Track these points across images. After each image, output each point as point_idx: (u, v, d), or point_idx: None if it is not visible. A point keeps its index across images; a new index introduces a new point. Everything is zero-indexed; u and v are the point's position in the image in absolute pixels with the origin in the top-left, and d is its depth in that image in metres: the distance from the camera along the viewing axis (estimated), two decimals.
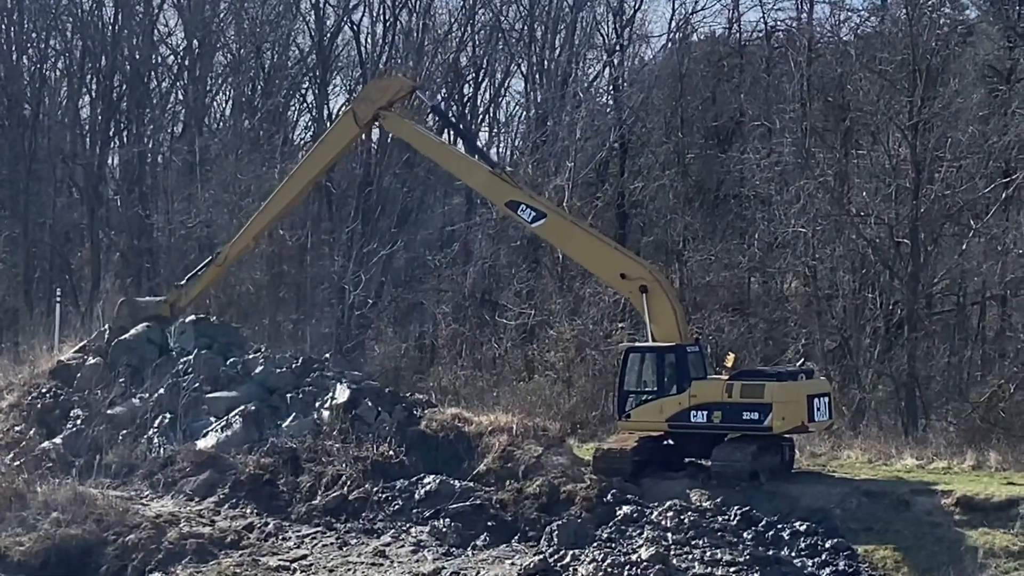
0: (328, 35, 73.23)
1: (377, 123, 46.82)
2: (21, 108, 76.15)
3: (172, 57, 79.75)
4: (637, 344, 41.99)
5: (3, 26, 78.03)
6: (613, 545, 37.10)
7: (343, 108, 62.83)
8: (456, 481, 40.01)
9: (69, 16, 77.58)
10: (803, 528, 37.13)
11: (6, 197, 73.54)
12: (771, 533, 37.13)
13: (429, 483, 39.91)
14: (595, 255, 43.11)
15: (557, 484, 39.56)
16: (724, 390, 40.06)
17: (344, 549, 38.06)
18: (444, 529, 38.34)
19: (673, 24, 73.81)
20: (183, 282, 48.61)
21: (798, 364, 45.20)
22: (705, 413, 39.94)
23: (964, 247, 54.07)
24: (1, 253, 72.77)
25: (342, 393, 43.01)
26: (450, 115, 58.41)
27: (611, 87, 72.95)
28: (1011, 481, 39.38)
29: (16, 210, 72.77)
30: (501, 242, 63.94)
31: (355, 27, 73.52)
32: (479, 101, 77.41)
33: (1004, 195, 55.09)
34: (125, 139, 77.32)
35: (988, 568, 35.22)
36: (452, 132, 58.45)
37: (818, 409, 40.43)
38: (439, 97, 66.59)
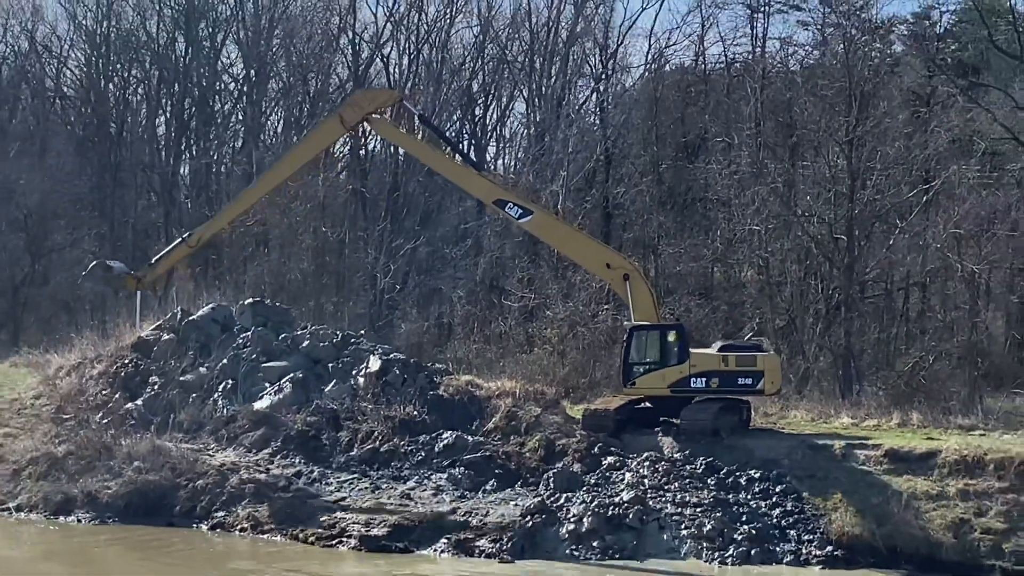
0: (362, 66, 73.25)
1: (364, 126, 45.52)
2: (108, 127, 76.29)
3: (233, 84, 79.91)
4: (642, 323, 41.27)
5: (93, 59, 78.14)
6: (600, 489, 37.13)
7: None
8: (469, 436, 40.01)
9: (147, 50, 77.63)
10: (757, 475, 37.15)
11: (95, 200, 73.52)
12: (731, 479, 37.16)
13: (447, 438, 39.92)
14: (581, 248, 42.89)
15: (553, 439, 39.54)
16: (721, 360, 40.11)
17: (376, 492, 38.05)
18: (459, 476, 38.35)
19: (649, 56, 74.18)
20: (152, 261, 46.96)
21: (745, 339, 45.29)
22: (704, 380, 39.90)
23: (891, 242, 54.11)
24: (91, 247, 72.80)
25: (375, 363, 43.03)
26: (434, 122, 55.41)
27: (598, 109, 72.98)
28: (930, 436, 39.37)
29: (104, 211, 72.82)
30: (506, 238, 63.99)
31: (385, 59, 73.57)
32: (488, 121, 77.65)
33: (925, 199, 55.14)
34: (194, 152, 77.40)
35: (911, 509, 35.24)
36: (444, 141, 56.95)
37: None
38: (454, 117, 66.64)
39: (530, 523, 35.67)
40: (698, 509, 36.01)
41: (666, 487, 36.97)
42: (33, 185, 68.29)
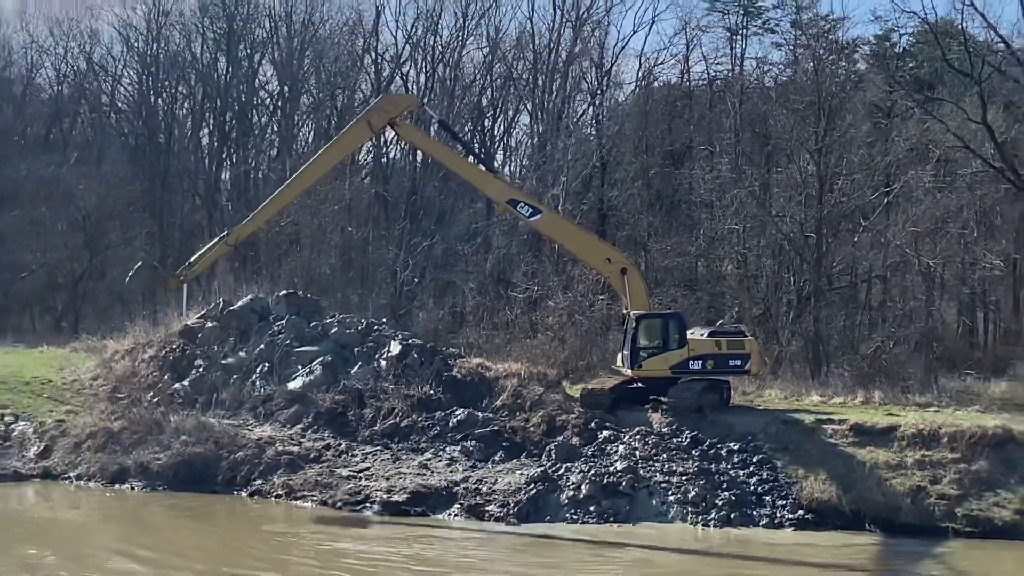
0: (384, 83, 73.14)
1: (387, 129, 42.84)
2: (157, 137, 76.30)
3: (269, 99, 79.83)
4: (648, 312, 41.37)
5: (144, 77, 78.16)
6: (596, 460, 37.15)
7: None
8: (479, 413, 40.04)
9: (192, 69, 77.64)
10: (736, 447, 37.17)
11: (146, 203, 73.56)
12: (712, 451, 37.17)
13: (459, 414, 39.95)
14: (584, 244, 42.68)
15: (554, 415, 39.57)
16: (714, 345, 40.28)
17: (397, 463, 38.11)
18: (471, 448, 38.39)
19: (640, 74, 74.18)
20: (192, 260, 43.51)
21: (718, 324, 45.33)
22: (701, 362, 40.06)
23: (856, 239, 54.07)
24: (143, 245, 72.90)
25: (395, 348, 43.05)
26: (452, 127, 52.29)
27: (594, 121, 72.85)
28: (890, 413, 39.42)
29: (154, 213, 72.86)
30: (512, 236, 63.93)
31: (404, 77, 73.72)
32: (496, 132, 77.57)
33: (885, 201, 55.09)
34: (234, 160, 77.40)
35: (874, 477, 35.27)
36: (461, 144, 54.14)
37: None
38: (466, 128, 66.49)
39: (534, 490, 35.69)
40: (684, 477, 36.03)
41: (655, 458, 36.99)
42: (91, 189, 68.40)
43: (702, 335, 40.85)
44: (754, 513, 34.93)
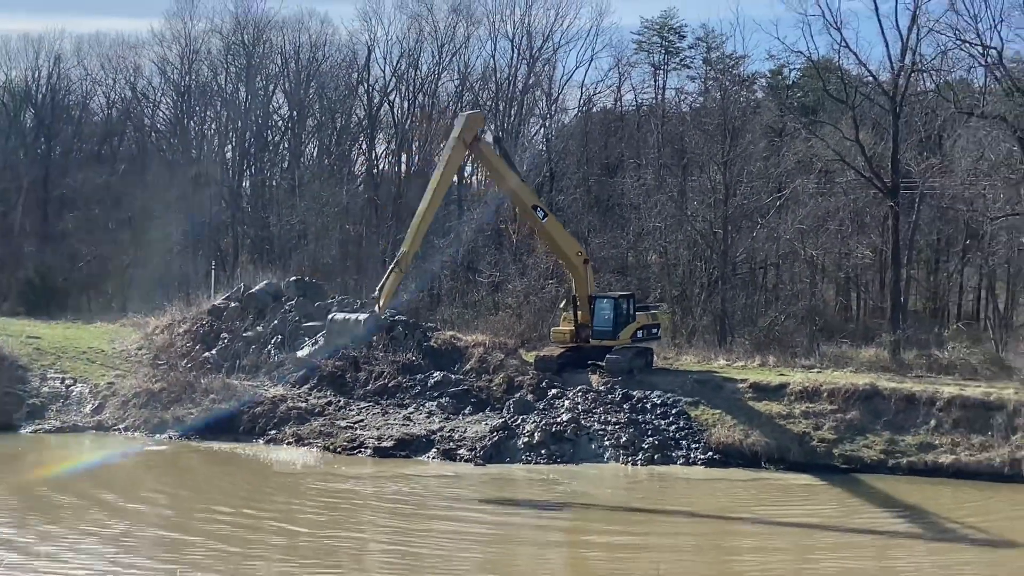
0: (375, 108, 72.64)
1: (475, 144, 38.78)
2: (189, 152, 75.40)
3: (280, 121, 79.05)
4: (622, 293, 42.55)
5: (178, 103, 77.28)
6: (546, 412, 37.19)
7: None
8: (452, 375, 39.96)
9: (218, 97, 76.76)
10: (659, 401, 37.28)
11: (181, 206, 72.71)
12: (640, 405, 37.27)
13: (436, 376, 39.84)
14: (566, 240, 42.09)
15: (513, 376, 39.56)
16: (647, 317, 41.08)
17: (385, 416, 38.03)
18: (445, 404, 38.32)
19: (581, 101, 73.73)
20: (378, 293, 37.13)
21: (646, 301, 45.54)
22: (642, 332, 40.75)
23: (754, 234, 54.25)
24: (179, 240, 72.16)
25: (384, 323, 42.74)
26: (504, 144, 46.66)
27: (544, 140, 72.60)
28: (782, 373, 39.63)
29: (187, 214, 72.10)
30: (479, 232, 63.68)
31: (391, 104, 73.06)
32: None
33: (778, 203, 55.23)
34: (253, 171, 76.61)
35: (769, 424, 35.48)
36: (505, 158, 48.75)
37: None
38: (441, 145, 65.82)
39: (496, 437, 35.72)
40: (616, 426, 36.14)
41: (594, 411, 37.05)
42: (135, 195, 67.74)
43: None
44: (673, 454, 35.11)
